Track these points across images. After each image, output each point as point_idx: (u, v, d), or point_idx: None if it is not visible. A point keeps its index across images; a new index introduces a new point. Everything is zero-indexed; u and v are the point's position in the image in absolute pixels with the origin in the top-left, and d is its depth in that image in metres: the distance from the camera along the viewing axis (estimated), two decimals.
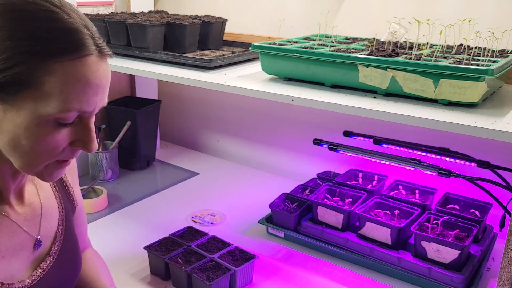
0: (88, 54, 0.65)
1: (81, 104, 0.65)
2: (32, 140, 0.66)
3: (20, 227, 0.80)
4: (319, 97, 1.12)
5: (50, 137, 0.66)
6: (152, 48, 1.56)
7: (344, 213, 1.40)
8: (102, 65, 0.67)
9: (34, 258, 0.83)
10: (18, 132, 0.65)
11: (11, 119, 0.64)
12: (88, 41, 0.65)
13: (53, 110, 0.64)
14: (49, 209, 0.87)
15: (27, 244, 0.82)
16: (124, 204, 1.74)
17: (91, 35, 0.66)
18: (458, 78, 1.01)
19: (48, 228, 0.86)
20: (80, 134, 0.69)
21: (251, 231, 1.56)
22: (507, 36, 1.24)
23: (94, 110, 0.69)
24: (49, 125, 0.65)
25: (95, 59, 0.66)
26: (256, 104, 2.02)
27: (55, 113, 0.64)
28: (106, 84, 0.69)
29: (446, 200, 1.48)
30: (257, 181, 1.94)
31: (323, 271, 1.36)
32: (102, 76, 0.67)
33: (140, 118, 1.96)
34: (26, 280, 0.80)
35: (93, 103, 0.67)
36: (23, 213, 0.81)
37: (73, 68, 0.63)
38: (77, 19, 0.66)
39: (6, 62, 0.61)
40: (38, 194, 0.85)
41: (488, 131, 0.91)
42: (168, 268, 1.29)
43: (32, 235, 0.83)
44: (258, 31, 1.90)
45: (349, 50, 1.24)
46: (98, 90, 0.67)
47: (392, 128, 1.60)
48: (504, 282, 0.94)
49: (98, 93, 0.67)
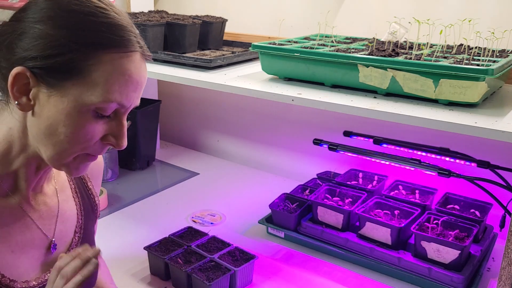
0: (135, 50, 0.69)
1: (122, 97, 0.68)
2: (71, 127, 0.67)
3: (35, 223, 0.80)
4: (319, 97, 1.12)
5: (88, 126, 0.68)
6: (152, 48, 1.56)
7: (344, 213, 1.40)
8: (143, 65, 0.72)
9: (46, 261, 0.81)
10: (58, 118, 0.67)
11: (55, 104, 0.66)
12: (135, 39, 0.70)
13: (96, 99, 0.66)
14: (66, 212, 0.85)
15: (39, 243, 0.80)
16: (124, 204, 1.74)
17: (136, 35, 0.71)
18: (458, 78, 1.01)
19: (63, 232, 0.84)
20: (114, 128, 0.71)
21: (251, 231, 1.56)
22: (507, 36, 1.24)
23: (130, 106, 0.71)
24: (89, 115, 0.68)
25: (139, 57, 0.70)
26: (256, 104, 2.02)
27: (97, 102, 0.66)
28: (144, 83, 0.72)
29: (446, 200, 1.48)
30: (257, 181, 1.94)
31: (323, 271, 1.36)
32: (143, 75, 0.71)
33: (140, 118, 1.96)
34: (32, 282, 0.78)
35: (131, 99, 0.70)
36: (39, 211, 0.80)
37: (121, 61, 0.67)
38: (126, 19, 0.71)
39: (61, 48, 0.65)
40: (57, 195, 0.84)
41: (488, 131, 0.91)
42: (168, 268, 1.29)
43: (47, 236, 0.81)
44: (258, 31, 1.90)
45: (349, 50, 1.24)
46: (137, 86, 0.70)
47: (392, 128, 1.60)
48: (504, 282, 0.94)
49: (137, 90, 0.71)
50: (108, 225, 1.59)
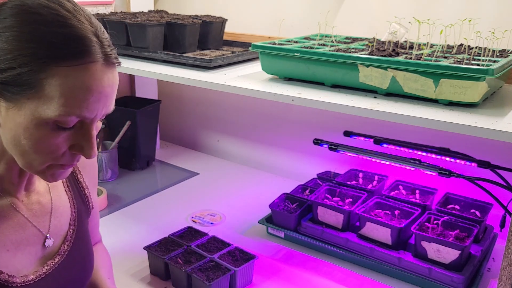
0: (92, 61, 0.65)
1: (81, 110, 0.66)
2: (31, 141, 0.66)
3: (29, 221, 0.81)
4: (319, 97, 1.12)
5: (49, 139, 0.67)
6: (152, 48, 1.56)
7: (344, 213, 1.40)
8: (107, 73, 0.68)
9: (43, 255, 0.84)
10: (18, 131, 0.66)
11: (13, 118, 0.66)
12: (94, 48, 0.66)
13: (52, 113, 0.64)
14: (60, 207, 0.87)
15: (35, 240, 0.82)
16: (124, 204, 1.74)
17: (99, 43, 0.67)
18: (459, 78, 1.01)
19: (58, 226, 0.86)
20: (80, 139, 0.69)
21: (251, 231, 1.56)
22: (507, 36, 1.24)
23: (96, 117, 0.69)
24: (49, 128, 0.66)
25: (100, 67, 0.66)
26: (256, 104, 2.02)
27: (54, 116, 0.64)
28: (110, 92, 0.69)
29: (446, 200, 1.48)
30: (257, 181, 1.94)
31: (323, 271, 1.35)
32: (107, 85, 0.67)
33: (140, 118, 1.96)
34: (30, 276, 0.80)
35: (95, 110, 0.67)
36: (33, 209, 0.82)
37: (75, 74, 0.64)
38: (87, 26, 0.66)
39: (11, 62, 0.63)
40: (50, 192, 0.86)
41: (489, 131, 0.91)
42: (168, 268, 1.29)
43: (42, 232, 0.83)
44: (258, 31, 1.90)
45: (349, 50, 1.24)
46: (100, 97, 0.67)
47: (392, 128, 1.60)
48: (505, 282, 0.94)
49: (101, 101, 0.67)
50: (108, 225, 1.58)
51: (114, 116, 1.97)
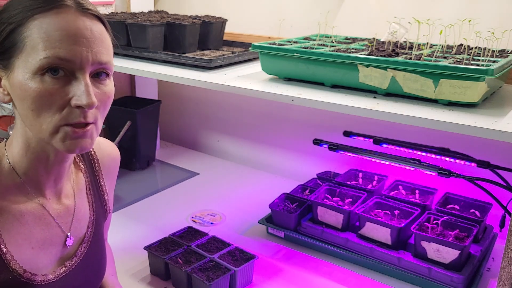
0: (62, 4, 0.71)
1: (61, 51, 0.69)
2: (31, 97, 0.70)
3: (55, 221, 0.83)
4: (319, 97, 1.12)
5: (45, 91, 0.69)
6: (152, 48, 1.56)
7: (344, 213, 1.40)
8: (83, 19, 0.71)
9: (61, 256, 0.85)
10: (21, 95, 0.70)
11: (13, 84, 0.71)
12: None
13: (37, 60, 0.69)
14: (81, 210, 0.89)
15: (57, 240, 0.84)
16: (124, 204, 1.74)
17: None
18: (458, 78, 1.01)
19: (78, 228, 0.88)
20: (76, 89, 0.71)
21: (251, 231, 1.56)
22: (507, 36, 1.24)
23: (83, 63, 0.70)
24: (44, 80, 0.69)
25: (73, 11, 0.71)
26: (256, 104, 2.02)
27: (40, 62, 0.68)
28: (91, 37, 0.71)
29: (446, 200, 1.48)
30: (257, 181, 1.94)
31: (323, 271, 1.36)
32: (83, 27, 0.71)
33: (140, 118, 1.96)
34: (49, 275, 0.82)
35: (77, 53, 0.70)
36: (59, 210, 0.84)
37: (48, 20, 0.70)
38: None
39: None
40: (75, 195, 0.88)
41: (488, 131, 0.91)
42: (168, 268, 1.29)
43: (64, 231, 0.85)
44: (258, 31, 1.90)
45: (349, 50, 1.24)
46: (78, 40, 0.70)
47: (392, 128, 1.60)
48: (504, 282, 0.94)
49: (80, 43, 0.70)
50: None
51: (114, 116, 1.99)
